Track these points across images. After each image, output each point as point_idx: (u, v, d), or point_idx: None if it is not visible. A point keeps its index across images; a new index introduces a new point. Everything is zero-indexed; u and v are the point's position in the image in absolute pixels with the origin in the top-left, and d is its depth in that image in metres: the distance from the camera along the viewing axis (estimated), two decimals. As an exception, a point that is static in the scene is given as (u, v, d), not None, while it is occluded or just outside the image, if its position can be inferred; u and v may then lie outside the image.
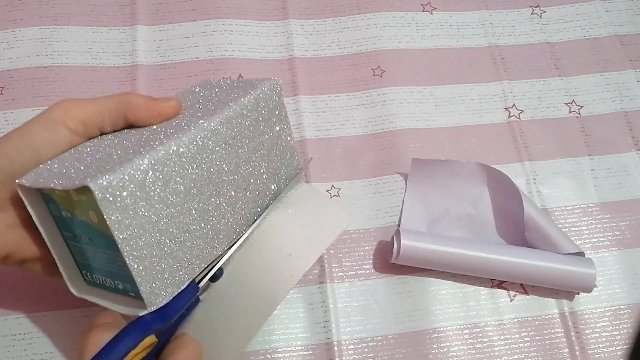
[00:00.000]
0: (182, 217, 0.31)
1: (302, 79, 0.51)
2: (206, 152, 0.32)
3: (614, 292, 0.44)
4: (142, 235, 0.28)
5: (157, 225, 0.29)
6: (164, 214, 0.29)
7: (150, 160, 0.28)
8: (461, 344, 0.42)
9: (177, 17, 0.53)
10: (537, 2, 0.57)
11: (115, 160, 0.28)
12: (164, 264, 0.30)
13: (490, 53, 0.54)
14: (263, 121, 0.36)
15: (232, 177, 0.34)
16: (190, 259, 0.32)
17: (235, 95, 0.35)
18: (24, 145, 0.30)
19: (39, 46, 0.50)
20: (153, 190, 0.29)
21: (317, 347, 0.41)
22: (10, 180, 0.30)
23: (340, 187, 0.47)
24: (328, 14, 0.55)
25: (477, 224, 0.46)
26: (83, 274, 0.33)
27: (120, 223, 0.27)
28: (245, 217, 0.36)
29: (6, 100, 0.48)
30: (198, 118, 0.32)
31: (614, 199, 0.48)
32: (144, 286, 0.29)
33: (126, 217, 0.27)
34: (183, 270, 0.31)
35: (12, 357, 0.40)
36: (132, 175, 0.27)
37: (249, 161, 0.35)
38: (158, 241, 0.29)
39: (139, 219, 0.28)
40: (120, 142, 0.31)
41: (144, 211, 0.28)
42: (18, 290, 0.42)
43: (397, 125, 0.50)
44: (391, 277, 0.44)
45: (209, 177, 0.32)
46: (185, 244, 0.31)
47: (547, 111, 0.52)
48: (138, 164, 0.28)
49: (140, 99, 0.33)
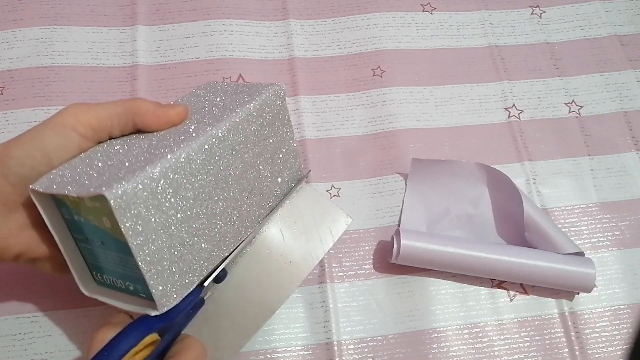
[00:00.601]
0: (191, 222, 0.32)
1: (302, 79, 0.51)
2: (214, 159, 0.32)
3: (613, 292, 0.44)
4: (155, 240, 0.29)
5: (168, 231, 0.30)
6: (175, 220, 0.30)
7: (161, 169, 0.29)
8: (461, 343, 0.42)
9: (177, 17, 0.53)
10: (537, 2, 0.57)
11: (127, 168, 0.29)
12: (175, 267, 0.31)
13: (490, 53, 0.54)
14: (267, 126, 0.36)
15: (238, 181, 0.35)
16: (198, 261, 0.33)
17: (241, 100, 0.36)
18: (35, 149, 0.31)
19: (39, 46, 0.50)
20: (164, 197, 0.29)
21: (317, 347, 0.41)
22: (22, 183, 0.30)
23: (340, 187, 0.47)
24: (328, 14, 0.55)
25: (477, 224, 0.46)
26: (93, 274, 0.34)
27: (134, 230, 0.28)
28: (250, 219, 0.37)
29: (6, 100, 0.48)
30: (205, 125, 0.33)
31: (614, 199, 0.48)
32: (156, 289, 0.30)
33: (139, 224, 0.28)
34: (192, 272, 0.32)
35: (12, 357, 0.40)
36: (145, 184, 0.28)
37: (254, 165, 0.36)
38: (169, 245, 0.30)
39: (151, 225, 0.29)
40: (130, 149, 0.32)
41: (156, 217, 0.29)
42: (18, 290, 0.42)
43: (397, 125, 0.50)
44: (391, 277, 0.44)
45: (216, 182, 0.33)
46: (194, 247, 0.32)
47: (547, 111, 0.52)
48: (150, 173, 0.29)
49: (148, 105, 0.33)
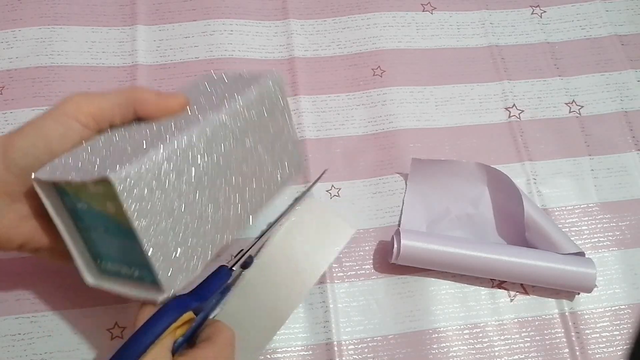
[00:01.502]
0: (194, 206, 0.32)
1: (302, 79, 0.51)
2: (215, 143, 0.33)
3: (614, 292, 0.44)
4: (159, 223, 0.30)
5: (172, 214, 0.30)
6: (178, 203, 0.31)
7: (164, 152, 0.29)
8: (461, 344, 0.42)
9: (177, 17, 0.53)
10: (537, 2, 0.57)
11: (129, 152, 0.29)
12: (179, 251, 0.31)
13: (490, 53, 0.54)
14: (267, 113, 0.37)
15: (239, 166, 0.35)
16: (202, 244, 0.33)
17: (239, 88, 0.36)
18: (37, 139, 0.31)
19: (39, 46, 0.50)
20: (168, 181, 0.30)
21: (317, 347, 0.41)
22: (24, 173, 0.31)
23: (340, 187, 0.47)
24: (328, 14, 0.55)
25: (477, 224, 0.46)
26: (97, 263, 0.34)
27: (139, 212, 0.28)
28: (253, 205, 0.37)
29: (6, 100, 0.48)
30: (206, 111, 0.33)
31: (614, 199, 0.48)
32: (162, 272, 0.30)
33: (143, 207, 0.29)
34: (196, 256, 0.33)
35: (12, 357, 0.40)
36: (149, 167, 0.29)
37: (255, 152, 0.36)
38: (173, 229, 0.30)
39: (155, 208, 0.29)
40: (132, 135, 0.32)
41: (160, 200, 0.29)
42: (18, 290, 0.41)
43: (397, 125, 0.49)
44: (391, 277, 0.44)
45: (218, 167, 0.33)
46: (198, 231, 0.32)
47: (547, 111, 0.51)
48: (153, 156, 0.29)
49: (149, 94, 0.34)
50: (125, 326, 0.41)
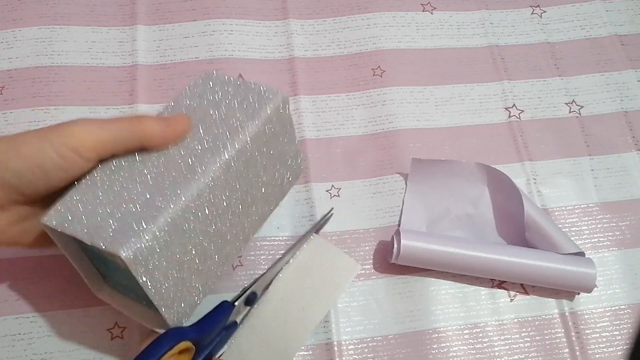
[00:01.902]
0: (199, 255, 0.33)
1: (302, 79, 0.51)
2: (219, 190, 0.33)
3: (614, 292, 0.44)
4: (166, 280, 0.31)
5: (180, 270, 0.32)
6: (184, 259, 0.32)
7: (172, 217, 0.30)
8: (461, 344, 0.42)
9: (177, 17, 0.53)
10: (537, 2, 0.57)
11: (133, 213, 0.30)
12: (184, 295, 0.34)
13: (490, 53, 0.54)
14: (272, 138, 0.36)
15: (242, 200, 0.36)
16: (203, 283, 0.35)
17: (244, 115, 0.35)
18: (34, 166, 0.30)
19: (39, 46, 0.50)
20: (175, 243, 0.31)
21: (317, 347, 0.41)
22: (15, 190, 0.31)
23: (340, 187, 0.47)
24: (328, 14, 0.55)
25: (477, 224, 0.46)
26: (104, 278, 0.36)
27: (150, 279, 0.30)
28: (253, 228, 0.39)
29: (6, 100, 0.48)
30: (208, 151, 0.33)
31: (614, 199, 0.48)
32: (169, 315, 0.33)
33: (153, 273, 0.30)
34: (196, 293, 0.35)
35: (12, 357, 0.40)
36: (156, 237, 0.30)
37: (258, 178, 0.36)
38: (179, 279, 0.33)
39: (163, 270, 0.31)
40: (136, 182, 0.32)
41: (167, 263, 0.31)
42: (18, 290, 0.41)
43: (397, 125, 0.49)
44: (391, 277, 0.44)
45: (222, 212, 0.34)
46: (200, 274, 0.34)
47: (547, 111, 0.51)
48: (159, 225, 0.30)
49: (154, 126, 0.33)
50: (125, 326, 0.41)
